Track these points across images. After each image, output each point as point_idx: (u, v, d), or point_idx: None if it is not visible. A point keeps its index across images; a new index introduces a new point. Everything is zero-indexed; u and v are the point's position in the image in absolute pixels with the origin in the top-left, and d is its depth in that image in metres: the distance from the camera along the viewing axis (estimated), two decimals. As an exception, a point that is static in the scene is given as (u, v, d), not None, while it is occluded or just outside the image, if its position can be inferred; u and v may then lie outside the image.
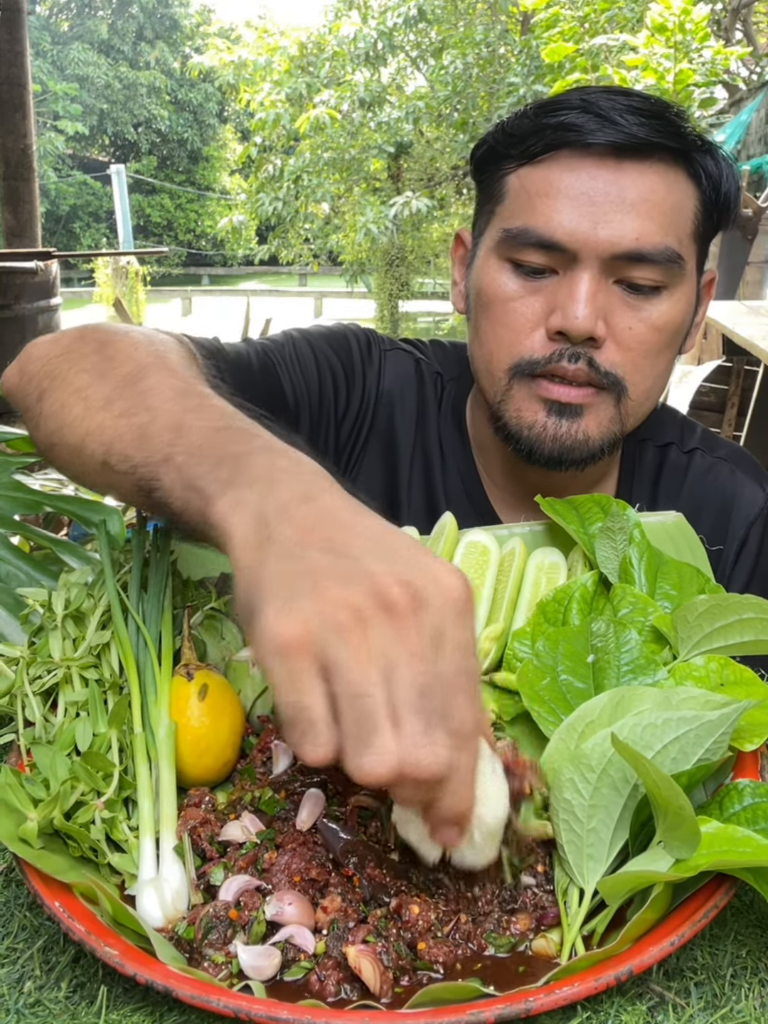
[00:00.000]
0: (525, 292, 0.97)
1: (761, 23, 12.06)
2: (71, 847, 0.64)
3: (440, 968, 0.57)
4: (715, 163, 0.99)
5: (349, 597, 0.49)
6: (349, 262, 12.91)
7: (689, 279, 0.99)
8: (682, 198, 0.97)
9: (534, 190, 0.96)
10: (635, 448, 1.16)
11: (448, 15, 11.77)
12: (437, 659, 0.49)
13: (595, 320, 0.94)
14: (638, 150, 0.93)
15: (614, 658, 0.77)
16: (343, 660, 0.48)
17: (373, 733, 0.48)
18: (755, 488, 1.14)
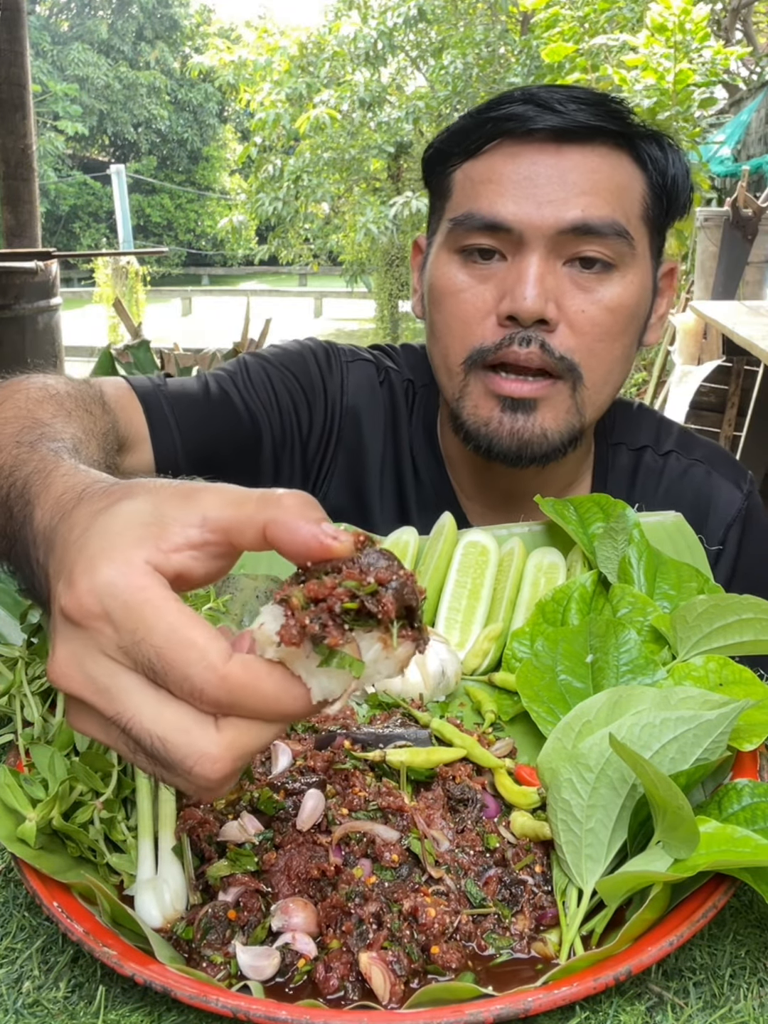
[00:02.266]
0: (475, 281, 0.97)
1: (761, 23, 12.06)
2: (70, 847, 0.64)
3: (452, 972, 0.57)
4: (661, 150, 1.00)
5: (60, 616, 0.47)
6: (349, 262, 12.90)
7: (641, 262, 0.99)
8: (628, 180, 0.98)
9: (478, 179, 0.97)
10: (608, 452, 1.16)
11: (448, 15, 11.76)
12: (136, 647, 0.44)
13: (544, 301, 0.93)
14: (578, 135, 0.95)
15: (613, 658, 0.77)
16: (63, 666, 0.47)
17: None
18: (732, 489, 1.13)
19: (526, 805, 0.68)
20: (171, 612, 0.44)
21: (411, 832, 0.63)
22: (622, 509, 0.94)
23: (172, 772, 0.45)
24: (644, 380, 6.78)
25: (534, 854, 0.65)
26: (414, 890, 0.60)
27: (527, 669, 0.78)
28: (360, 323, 15.01)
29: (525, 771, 0.72)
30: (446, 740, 0.73)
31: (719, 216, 5.27)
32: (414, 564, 0.99)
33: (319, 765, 0.69)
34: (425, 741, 0.72)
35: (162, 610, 0.44)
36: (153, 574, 0.45)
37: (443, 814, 0.66)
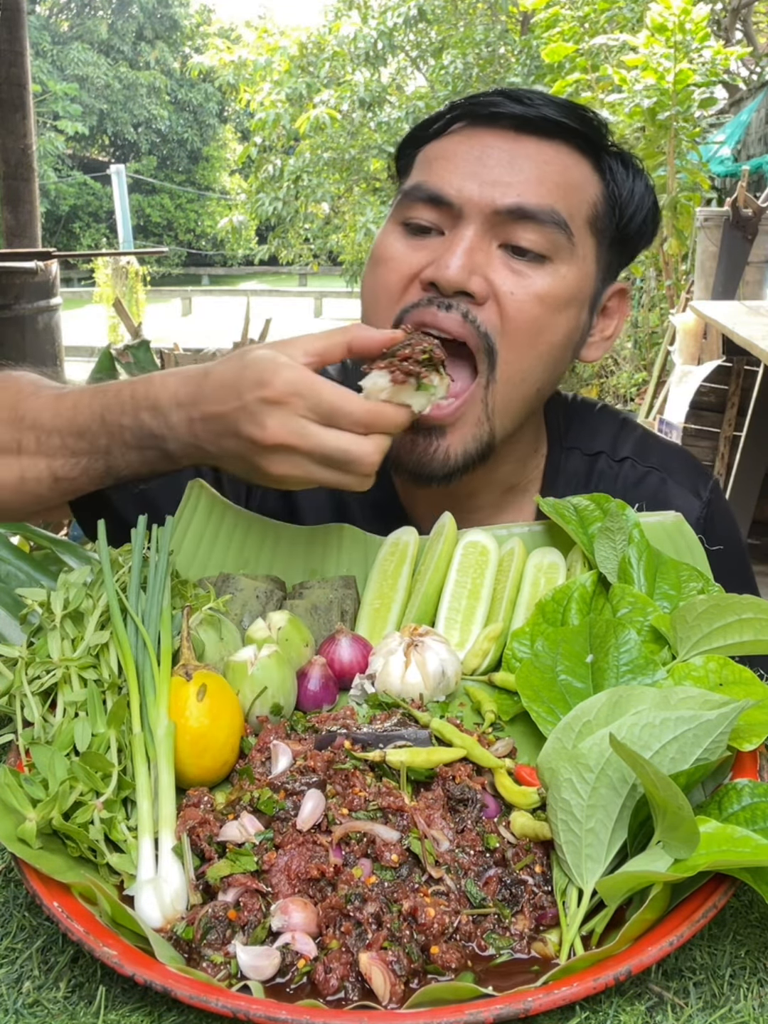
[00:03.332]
0: (408, 250, 0.98)
1: (761, 23, 12.06)
2: (70, 847, 0.64)
3: (451, 972, 0.57)
4: (624, 168, 1.01)
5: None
6: (349, 262, 12.90)
7: (580, 263, 0.98)
8: (580, 180, 0.98)
9: (433, 156, 1.00)
10: (561, 455, 1.13)
11: (448, 15, 11.76)
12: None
13: (468, 273, 0.92)
14: (539, 127, 0.96)
15: (613, 658, 0.77)
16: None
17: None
18: (689, 497, 1.10)
19: (526, 805, 0.68)
20: (329, 385, 0.80)
21: (411, 832, 0.63)
22: (622, 509, 0.94)
23: (347, 470, 0.81)
24: (644, 380, 6.78)
25: (534, 854, 0.65)
26: (414, 890, 0.60)
27: (527, 669, 0.78)
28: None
29: (525, 771, 0.72)
30: (446, 740, 0.73)
31: (719, 216, 5.27)
32: (414, 564, 0.99)
33: (319, 765, 0.69)
34: (425, 741, 0.72)
35: (325, 385, 0.80)
36: (309, 370, 0.81)
37: (443, 814, 0.66)
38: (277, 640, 0.84)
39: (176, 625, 0.79)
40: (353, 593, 0.96)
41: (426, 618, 0.94)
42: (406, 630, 0.86)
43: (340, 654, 0.87)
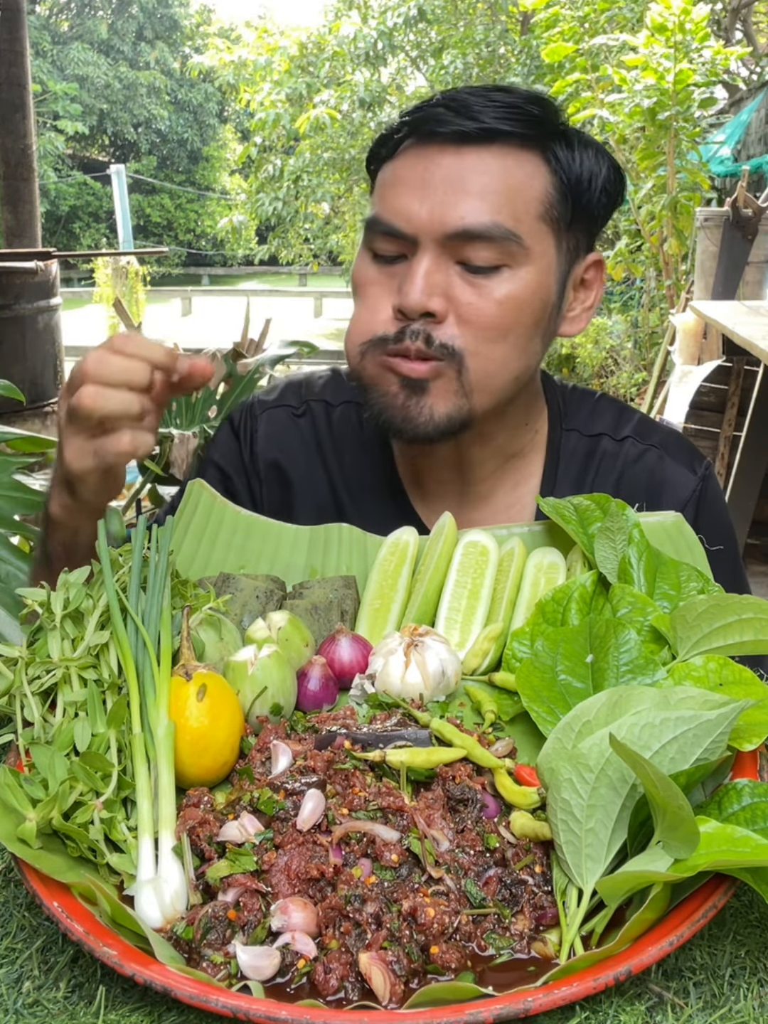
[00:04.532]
0: (382, 277, 1.03)
1: (761, 23, 12.06)
2: (70, 847, 0.64)
3: (451, 972, 0.57)
4: (569, 149, 1.03)
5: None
6: (349, 262, 12.90)
7: (538, 260, 1.01)
8: (525, 180, 1.00)
9: (386, 182, 1.04)
10: (561, 436, 1.19)
11: (448, 15, 11.75)
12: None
13: (428, 296, 0.98)
14: (479, 137, 0.98)
15: (613, 658, 0.77)
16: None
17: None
18: (685, 473, 1.16)
19: (526, 805, 0.68)
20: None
21: (411, 832, 0.63)
22: (621, 509, 0.94)
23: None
24: (644, 380, 6.78)
25: (534, 854, 0.65)
26: (414, 890, 0.60)
27: (527, 669, 0.78)
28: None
29: (525, 771, 0.72)
30: (446, 740, 0.73)
31: (719, 216, 5.26)
32: (414, 564, 0.99)
33: (319, 765, 0.69)
34: (425, 741, 0.72)
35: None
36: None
37: (443, 814, 0.66)
38: (277, 640, 0.84)
39: (176, 625, 0.79)
40: (353, 593, 0.96)
41: (426, 618, 0.94)
42: (406, 630, 0.86)
43: (340, 654, 0.87)
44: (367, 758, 0.69)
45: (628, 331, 7.52)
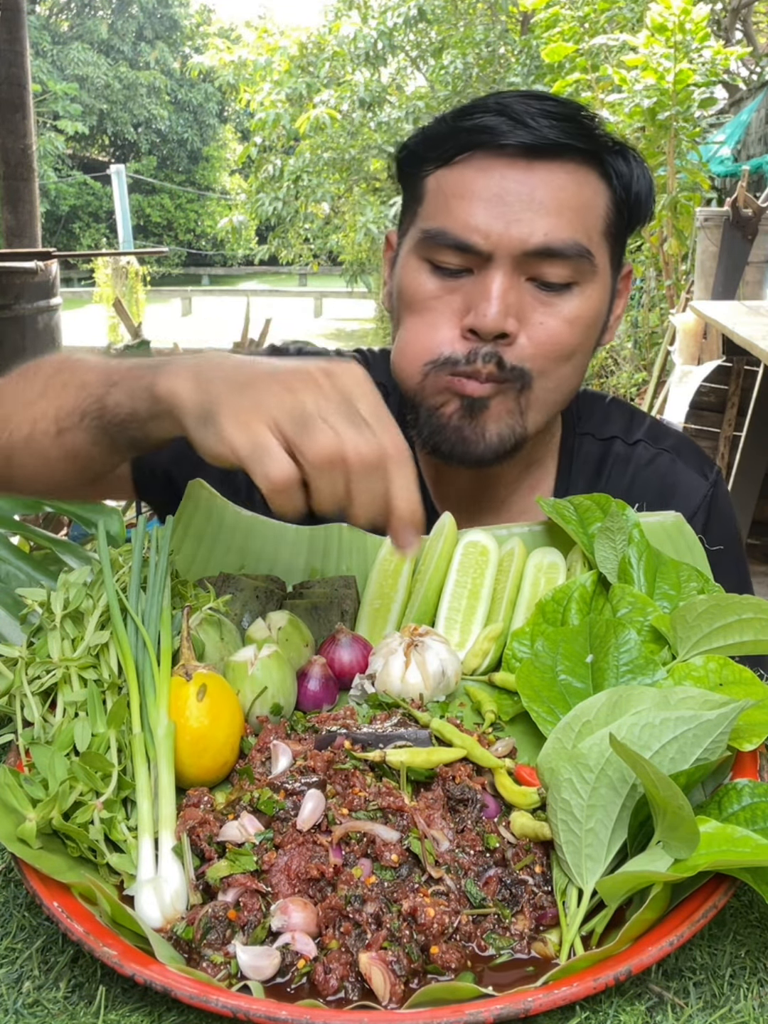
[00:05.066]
0: (443, 291, 1.00)
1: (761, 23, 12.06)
2: (70, 847, 0.64)
3: (451, 972, 0.57)
4: (626, 164, 1.02)
5: (278, 382, 0.69)
6: (349, 262, 12.89)
7: (601, 276, 1.02)
8: (592, 196, 1.00)
9: (450, 192, 0.99)
10: (575, 441, 1.19)
11: (448, 15, 11.75)
12: (354, 400, 0.69)
13: (505, 317, 0.96)
14: (548, 151, 0.96)
15: (613, 658, 0.77)
16: (283, 406, 0.68)
17: (315, 427, 0.66)
18: (697, 477, 1.16)
19: (526, 805, 0.68)
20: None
21: (411, 832, 0.63)
22: (621, 509, 0.94)
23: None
24: (644, 380, 6.78)
25: (534, 854, 0.65)
26: (414, 890, 0.60)
27: (527, 669, 0.78)
28: (360, 323, 14.99)
29: (525, 771, 0.72)
30: (446, 740, 0.73)
31: (719, 216, 5.26)
32: (414, 564, 0.99)
33: (319, 765, 0.69)
34: (425, 741, 0.72)
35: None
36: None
37: (443, 814, 0.66)
38: (277, 640, 0.84)
39: (176, 625, 0.79)
40: (353, 593, 0.96)
41: (426, 618, 0.94)
42: (406, 630, 0.86)
43: (340, 654, 0.87)
44: (367, 758, 0.69)
45: (628, 331, 7.52)
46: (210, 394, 0.71)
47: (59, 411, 0.89)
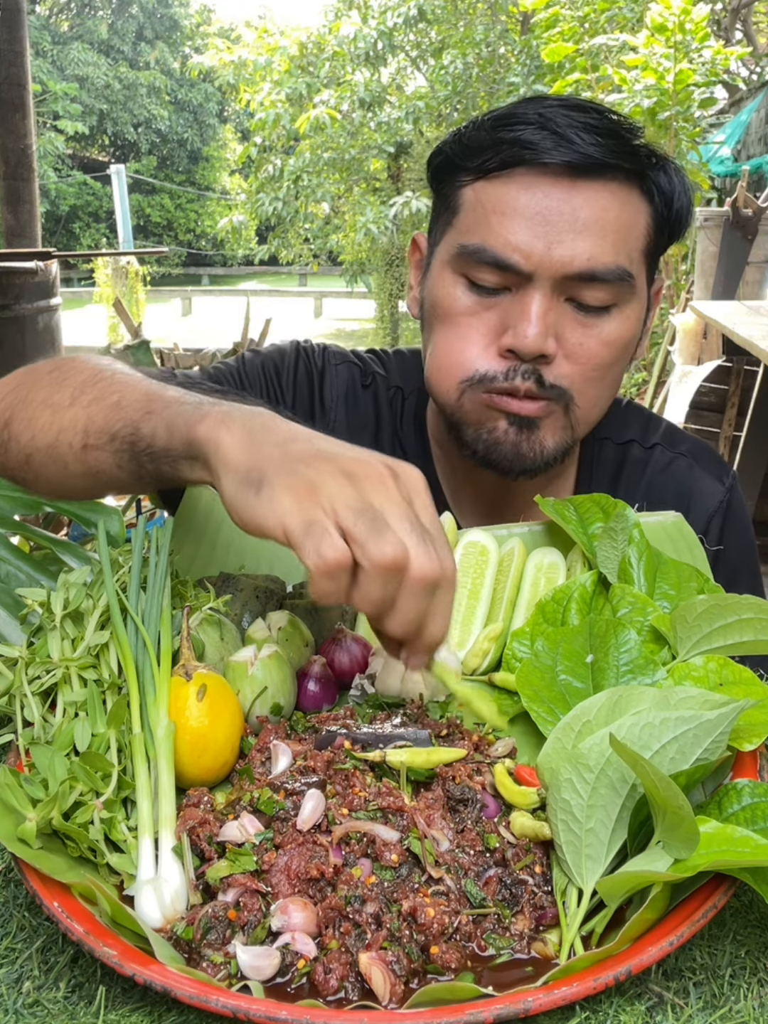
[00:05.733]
0: (480, 308, 0.99)
1: (761, 23, 12.06)
2: (70, 847, 0.64)
3: (451, 972, 0.57)
4: (668, 179, 1.00)
5: (340, 470, 0.63)
6: (349, 262, 12.89)
7: (640, 295, 1.01)
8: (635, 215, 0.98)
9: (490, 207, 0.97)
10: (594, 446, 1.19)
11: (448, 15, 11.75)
12: (416, 508, 0.64)
13: (545, 338, 0.95)
14: (592, 169, 0.94)
15: (613, 658, 0.77)
16: (345, 496, 0.61)
17: (384, 527, 0.61)
18: (714, 482, 1.16)
19: (526, 805, 0.68)
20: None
21: (411, 832, 0.63)
22: (622, 509, 0.94)
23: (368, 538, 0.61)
24: (644, 380, 6.78)
25: (534, 854, 0.65)
26: (414, 890, 0.60)
27: (527, 669, 0.78)
28: (360, 323, 14.99)
29: (525, 771, 0.72)
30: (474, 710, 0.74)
31: (719, 216, 5.27)
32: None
33: (319, 765, 0.69)
34: (425, 741, 0.72)
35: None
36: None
37: (443, 814, 0.66)
38: (277, 640, 0.84)
39: (176, 625, 0.79)
40: (353, 593, 0.96)
41: (426, 618, 0.94)
42: (406, 630, 0.86)
43: (340, 654, 0.87)
44: (367, 758, 0.69)
45: (628, 331, 7.50)
46: (260, 459, 0.65)
47: (88, 426, 0.81)
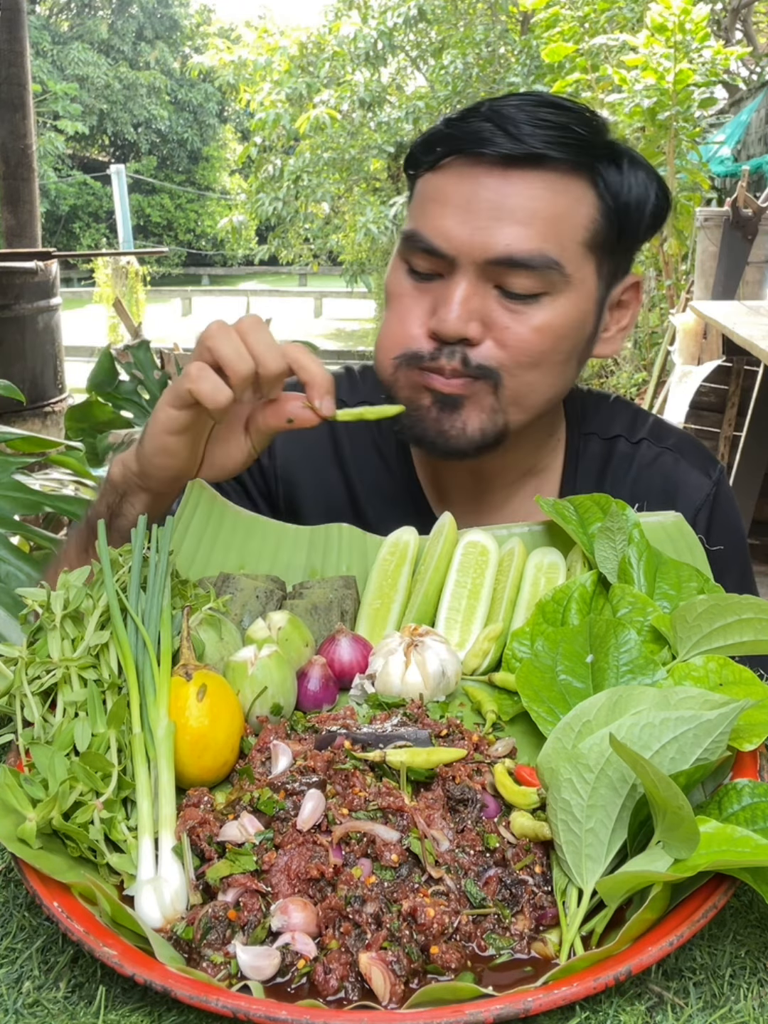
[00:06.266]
0: (416, 292, 1.03)
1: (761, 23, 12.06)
2: (70, 847, 0.64)
3: (451, 972, 0.57)
4: (618, 173, 1.00)
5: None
6: (349, 262, 12.89)
7: (579, 287, 1.00)
8: (572, 206, 0.98)
9: (428, 196, 1.01)
10: (580, 441, 1.19)
11: (448, 15, 11.75)
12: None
13: (465, 323, 0.97)
14: (528, 160, 0.96)
15: (613, 658, 0.77)
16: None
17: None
18: (700, 476, 1.17)
19: (526, 805, 0.68)
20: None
21: (411, 832, 0.63)
22: (621, 509, 0.94)
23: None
24: (644, 380, 6.78)
25: (534, 854, 0.65)
26: (414, 890, 0.60)
27: (527, 669, 0.78)
28: (360, 323, 14.99)
29: (525, 771, 0.72)
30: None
31: (719, 216, 5.26)
32: (414, 564, 0.99)
33: (319, 765, 0.69)
34: (425, 741, 0.72)
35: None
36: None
37: (443, 814, 0.66)
38: (277, 640, 0.84)
39: (176, 625, 0.79)
40: (353, 593, 0.96)
41: (426, 618, 0.94)
42: (406, 630, 0.86)
43: (340, 654, 0.87)
44: (367, 758, 0.69)
45: (628, 331, 7.50)
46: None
47: (108, 505, 1.03)
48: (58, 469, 1.92)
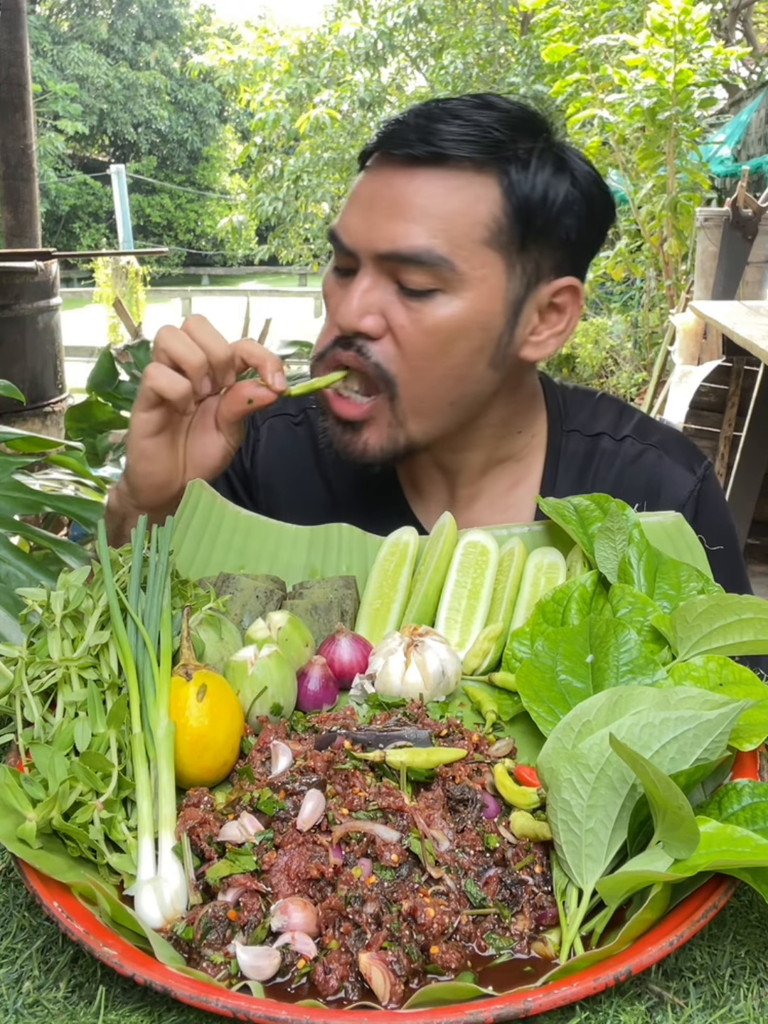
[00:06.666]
0: (337, 288, 1.05)
1: (761, 23, 12.06)
2: (70, 847, 0.64)
3: (451, 972, 0.57)
4: (523, 171, 0.99)
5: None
6: (349, 262, 12.88)
7: (478, 286, 0.99)
8: (470, 204, 0.98)
9: (350, 194, 1.06)
10: (561, 437, 1.19)
11: (448, 15, 11.75)
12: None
13: (359, 316, 0.99)
14: (430, 160, 0.97)
15: (613, 658, 0.77)
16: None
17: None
18: (684, 472, 1.16)
19: (526, 805, 0.68)
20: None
21: (411, 832, 0.63)
22: (621, 509, 0.94)
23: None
24: (644, 380, 6.79)
25: (534, 854, 0.65)
26: (414, 890, 0.60)
27: (527, 669, 0.78)
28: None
29: (525, 771, 0.72)
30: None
31: (719, 216, 5.26)
32: (414, 564, 0.99)
33: (319, 765, 0.69)
34: (425, 741, 0.72)
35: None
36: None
37: (443, 814, 0.66)
38: (277, 640, 0.84)
39: (176, 625, 0.79)
40: (353, 593, 0.96)
41: (426, 618, 0.94)
42: (406, 630, 0.86)
43: (340, 654, 0.87)
44: (367, 758, 0.69)
45: (628, 331, 7.52)
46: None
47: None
48: (58, 469, 1.92)
